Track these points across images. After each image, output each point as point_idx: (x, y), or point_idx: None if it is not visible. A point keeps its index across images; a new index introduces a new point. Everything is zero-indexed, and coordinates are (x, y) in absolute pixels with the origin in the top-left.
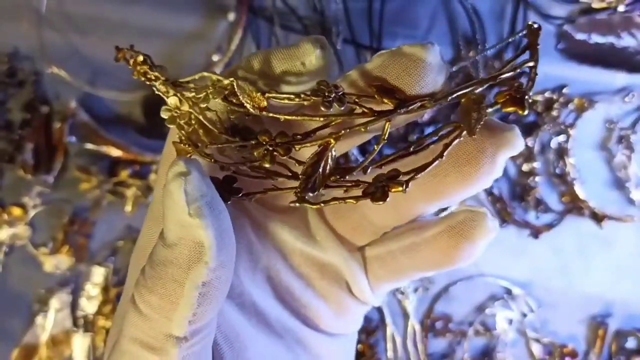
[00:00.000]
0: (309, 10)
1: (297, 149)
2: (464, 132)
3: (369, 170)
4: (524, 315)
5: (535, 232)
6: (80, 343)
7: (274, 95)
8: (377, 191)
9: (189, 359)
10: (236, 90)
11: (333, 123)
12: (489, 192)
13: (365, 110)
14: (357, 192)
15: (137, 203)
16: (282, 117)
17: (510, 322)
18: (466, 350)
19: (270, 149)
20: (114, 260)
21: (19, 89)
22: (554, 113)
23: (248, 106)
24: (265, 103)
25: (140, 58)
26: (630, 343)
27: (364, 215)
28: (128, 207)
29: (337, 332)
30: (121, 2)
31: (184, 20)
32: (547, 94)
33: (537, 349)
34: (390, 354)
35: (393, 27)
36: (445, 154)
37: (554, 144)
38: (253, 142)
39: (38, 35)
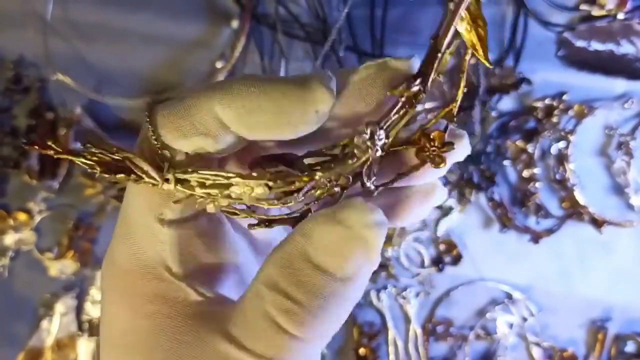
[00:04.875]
0: (312, 17)
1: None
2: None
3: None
4: (525, 319)
5: (536, 237)
6: (85, 347)
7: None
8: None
9: None
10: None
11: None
12: (489, 197)
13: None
14: None
15: None
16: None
17: (511, 326)
18: (467, 354)
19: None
20: None
21: (25, 96)
22: (554, 119)
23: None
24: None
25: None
26: (630, 347)
27: None
28: None
29: None
30: (126, 10)
31: (188, 28)
32: (547, 101)
33: (537, 352)
34: (392, 357)
35: (395, 35)
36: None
37: (554, 150)
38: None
39: (43, 42)
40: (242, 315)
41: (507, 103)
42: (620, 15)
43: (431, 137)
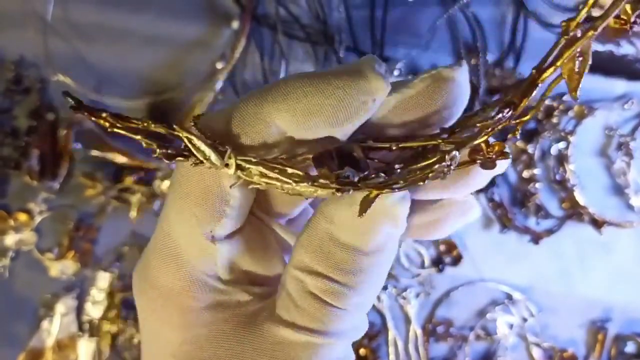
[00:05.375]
0: (312, 18)
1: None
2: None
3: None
4: (525, 319)
5: (536, 238)
6: (85, 348)
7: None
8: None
9: None
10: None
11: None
12: (489, 198)
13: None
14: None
15: (142, 209)
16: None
17: (511, 326)
18: (467, 354)
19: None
20: (119, 265)
21: (25, 96)
22: (554, 120)
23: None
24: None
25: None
26: (630, 347)
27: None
28: (133, 213)
29: None
30: (126, 10)
31: (188, 28)
32: (547, 102)
33: (537, 353)
34: (392, 358)
35: (395, 36)
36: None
37: (554, 150)
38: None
39: (44, 42)
40: (288, 299)
41: None
42: None
43: (491, 142)
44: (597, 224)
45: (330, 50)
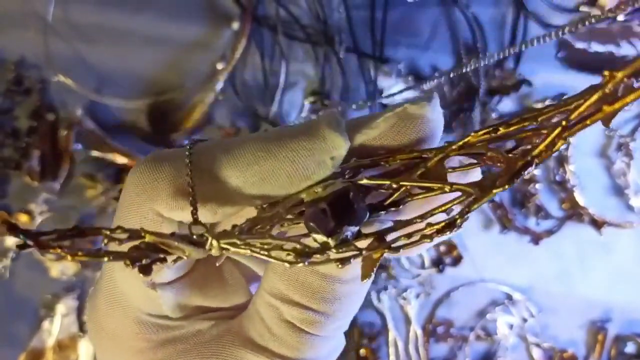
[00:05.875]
0: (313, 19)
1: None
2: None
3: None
4: (525, 320)
5: (536, 239)
6: (86, 348)
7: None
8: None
9: None
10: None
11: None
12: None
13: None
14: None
15: None
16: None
17: (511, 327)
18: (467, 355)
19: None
20: None
21: (26, 97)
22: (554, 121)
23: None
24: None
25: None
26: (630, 348)
27: None
28: None
29: None
30: (127, 11)
31: (189, 29)
32: (547, 102)
33: (537, 353)
34: (392, 358)
35: (395, 36)
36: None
37: None
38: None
39: (44, 43)
40: (261, 324)
41: (507, 104)
42: (620, 17)
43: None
44: (597, 224)
45: (331, 51)
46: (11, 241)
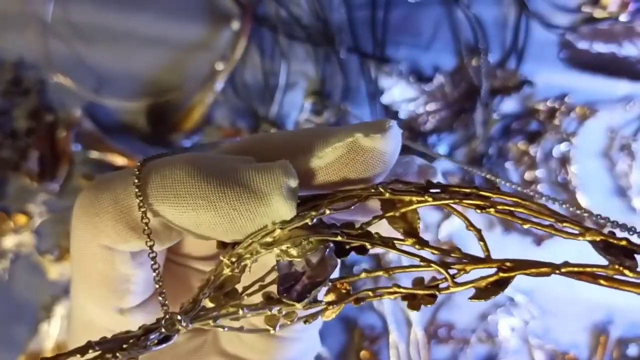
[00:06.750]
0: (313, 19)
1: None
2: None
3: None
4: (527, 322)
5: (538, 240)
6: None
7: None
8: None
9: None
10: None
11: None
12: None
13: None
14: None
15: None
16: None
17: (513, 329)
18: (469, 357)
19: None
20: None
21: (24, 98)
22: (556, 121)
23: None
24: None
25: None
26: (632, 350)
27: None
28: None
29: None
30: (126, 11)
31: (188, 29)
32: (549, 103)
33: (539, 356)
34: None
35: (396, 36)
36: None
37: (556, 152)
38: None
39: (43, 44)
40: (231, 331)
41: (509, 105)
42: (623, 17)
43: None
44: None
45: (331, 51)
46: (10, 242)
